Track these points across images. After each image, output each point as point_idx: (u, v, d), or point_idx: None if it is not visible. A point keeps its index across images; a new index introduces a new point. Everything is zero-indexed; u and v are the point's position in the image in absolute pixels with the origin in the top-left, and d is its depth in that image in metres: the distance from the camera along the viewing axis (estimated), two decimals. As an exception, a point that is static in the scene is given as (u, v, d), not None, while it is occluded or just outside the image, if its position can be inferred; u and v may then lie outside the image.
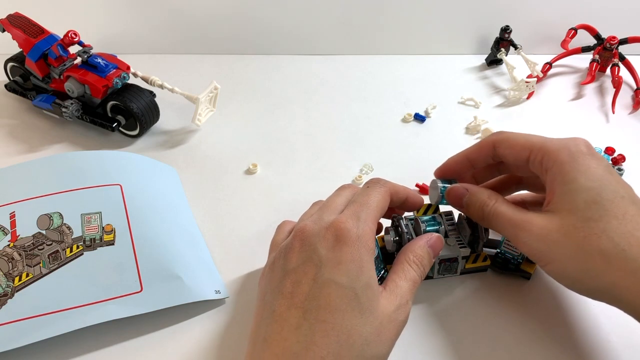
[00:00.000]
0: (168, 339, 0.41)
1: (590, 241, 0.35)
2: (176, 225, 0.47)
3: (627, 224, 0.34)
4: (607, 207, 0.35)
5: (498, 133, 0.42)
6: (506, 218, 0.39)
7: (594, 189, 0.36)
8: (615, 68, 0.66)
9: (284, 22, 0.71)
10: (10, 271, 0.42)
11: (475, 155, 0.43)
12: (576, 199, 0.36)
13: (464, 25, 0.72)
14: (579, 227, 0.35)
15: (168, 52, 0.71)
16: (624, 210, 0.35)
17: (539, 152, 0.39)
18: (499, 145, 0.41)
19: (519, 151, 0.40)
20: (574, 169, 0.37)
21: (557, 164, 0.38)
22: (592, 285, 0.36)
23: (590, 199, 0.35)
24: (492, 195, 0.40)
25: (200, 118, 0.58)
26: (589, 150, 0.38)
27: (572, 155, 0.37)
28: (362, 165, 0.56)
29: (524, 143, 0.40)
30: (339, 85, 0.67)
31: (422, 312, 0.44)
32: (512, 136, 0.41)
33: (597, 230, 0.35)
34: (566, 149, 0.38)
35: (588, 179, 0.36)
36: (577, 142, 0.38)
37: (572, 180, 0.36)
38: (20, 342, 0.38)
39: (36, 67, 0.57)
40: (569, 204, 0.36)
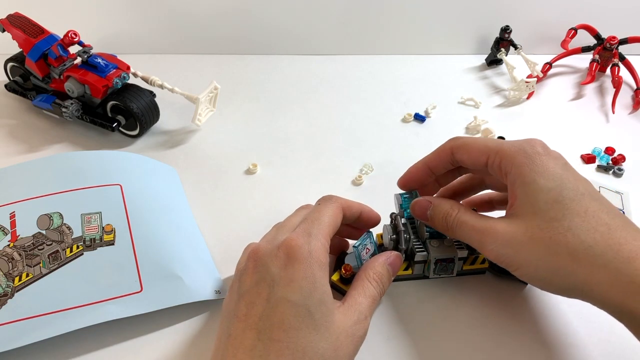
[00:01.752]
0: (168, 339, 0.41)
1: (557, 240, 0.35)
2: (176, 225, 0.47)
3: (589, 220, 0.35)
4: (568, 205, 0.35)
5: (455, 139, 0.42)
6: (470, 226, 0.39)
7: (554, 189, 0.36)
8: (615, 68, 0.66)
9: (284, 22, 0.71)
10: (10, 271, 0.42)
11: (434, 163, 0.43)
12: (538, 200, 0.36)
13: (464, 25, 0.72)
14: (543, 228, 0.35)
15: (168, 52, 0.71)
16: (586, 206, 0.35)
17: (497, 156, 0.39)
18: (456, 152, 0.42)
19: (476, 156, 0.40)
20: (532, 170, 0.37)
21: (515, 166, 0.38)
22: (564, 284, 0.36)
23: (551, 199, 0.36)
24: (454, 206, 0.40)
25: (200, 118, 0.58)
26: (545, 150, 0.38)
27: (529, 156, 0.38)
28: (362, 165, 0.56)
29: (480, 148, 0.40)
30: (339, 85, 0.67)
31: (418, 312, 0.44)
32: (469, 141, 0.41)
33: (562, 229, 0.35)
34: (522, 151, 0.38)
35: (547, 179, 0.36)
36: (533, 144, 0.39)
37: (532, 181, 0.37)
38: (20, 342, 0.38)
39: (36, 67, 0.57)
40: (531, 206, 0.36)
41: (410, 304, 0.44)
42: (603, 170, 0.57)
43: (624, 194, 0.53)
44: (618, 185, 0.54)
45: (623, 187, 0.54)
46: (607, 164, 0.57)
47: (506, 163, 0.38)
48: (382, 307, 0.44)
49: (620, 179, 0.56)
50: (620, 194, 0.53)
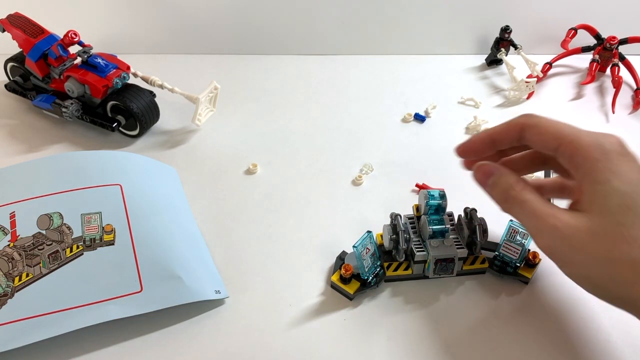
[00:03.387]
0: (168, 339, 0.41)
1: (621, 248, 0.33)
2: (176, 225, 0.47)
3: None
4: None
5: (528, 116, 0.39)
6: (531, 207, 0.36)
7: (628, 194, 0.33)
8: (615, 68, 0.66)
9: (284, 22, 0.71)
10: (10, 271, 0.42)
11: (500, 137, 0.41)
12: (608, 202, 0.34)
13: (464, 25, 0.72)
14: (609, 232, 0.33)
15: (168, 52, 0.71)
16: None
17: (570, 146, 0.36)
18: (527, 130, 0.39)
19: (548, 140, 0.37)
20: (607, 169, 0.34)
21: (589, 161, 0.35)
22: (618, 294, 0.34)
23: (623, 204, 0.33)
24: (520, 181, 0.38)
25: (200, 118, 0.58)
26: (623, 149, 0.35)
27: (606, 154, 0.35)
28: (362, 165, 0.56)
29: (554, 132, 0.37)
30: (339, 85, 0.67)
31: (418, 312, 0.44)
32: (543, 122, 0.38)
33: (630, 237, 0.33)
34: (599, 147, 0.35)
35: (622, 181, 0.34)
36: (612, 140, 0.36)
37: (605, 181, 0.34)
38: (20, 342, 0.38)
39: (36, 67, 0.57)
40: (600, 206, 0.34)
41: (410, 304, 0.44)
42: (603, 170, 0.56)
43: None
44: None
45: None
46: (607, 164, 0.57)
47: (580, 156, 0.35)
48: (382, 307, 0.44)
49: (620, 179, 0.56)
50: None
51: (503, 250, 0.44)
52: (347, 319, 0.43)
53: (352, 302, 0.44)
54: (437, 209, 0.45)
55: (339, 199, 0.53)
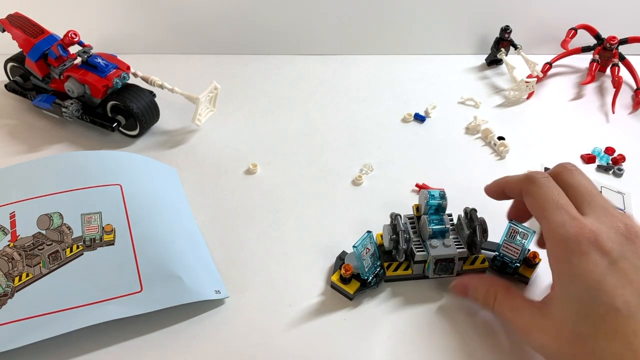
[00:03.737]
0: (168, 339, 0.41)
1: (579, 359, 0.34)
2: (176, 225, 0.47)
3: (617, 345, 0.32)
4: (597, 323, 0.33)
5: (528, 182, 0.40)
6: (507, 317, 0.39)
7: (584, 301, 0.34)
8: (615, 68, 0.66)
9: (284, 22, 0.71)
10: (10, 271, 0.42)
11: (508, 190, 0.43)
12: (568, 309, 0.34)
13: (464, 25, 0.72)
14: (571, 341, 0.34)
15: (168, 52, 0.71)
16: (615, 327, 0.32)
17: (544, 229, 0.38)
18: (524, 196, 0.41)
19: (535, 212, 0.39)
20: (567, 271, 0.35)
21: (554, 259, 0.36)
22: None
23: (581, 312, 0.34)
24: (490, 291, 0.41)
25: (200, 118, 0.58)
26: (590, 244, 0.35)
27: (569, 252, 0.35)
28: (362, 165, 0.56)
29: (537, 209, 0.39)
30: (339, 85, 0.67)
31: (418, 312, 0.44)
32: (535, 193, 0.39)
33: (587, 349, 0.33)
34: (564, 244, 0.35)
35: (580, 286, 0.34)
36: (579, 234, 0.35)
37: (565, 284, 0.35)
38: (20, 342, 0.38)
39: (36, 67, 0.57)
40: (562, 311, 0.35)
41: (410, 304, 0.44)
42: (603, 170, 0.57)
43: (625, 194, 0.53)
44: (618, 185, 0.54)
45: (623, 187, 0.54)
46: (607, 164, 0.57)
47: (548, 246, 0.37)
48: (382, 307, 0.44)
49: (620, 179, 0.56)
50: (622, 194, 0.53)
51: (503, 250, 0.44)
52: (347, 319, 0.43)
53: (351, 302, 0.44)
54: (437, 208, 0.45)
55: (339, 199, 0.53)
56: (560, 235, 0.36)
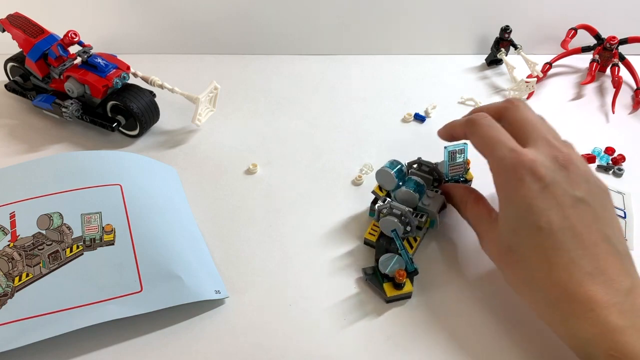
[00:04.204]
0: (168, 339, 0.41)
1: (510, 268, 0.40)
2: (176, 225, 0.47)
3: (535, 257, 0.37)
4: (523, 239, 0.38)
5: (469, 124, 0.44)
6: (472, 222, 0.45)
7: (517, 220, 0.38)
8: (615, 68, 0.66)
9: (284, 22, 0.71)
10: (10, 271, 0.42)
11: (455, 134, 0.47)
12: (505, 226, 0.39)
13: (464, 25, 0.72)
14: (504, 253, 0.40)
15: (168, 52, 0.71)
16: (536, 243, 0.37)
17: (489, 162, 0.42)
18: (469, 137, 0.45)
19: (480, 149, 0.43)
20: (505, 196, 0.40)
21: (496, 184, 0.41)
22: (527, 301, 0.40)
23: (511, 229, 0.39)
24: (463, 198, 0.46)
25: (200, 118, 0.58)
26: (527, 171, 0.38)
27: (507, 179, 0.39)
28: (362, 165, 0.56)
29: (481, 146, 0.43)
30: (339, 85, 0.67)
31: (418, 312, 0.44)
32: (477, 132, 0.43)
33: (513, 261, 0.39)
34: (503, 171, 0.40)
35: (515, 207, 0.39)
36: (517, 162, 0.39)
37: (505, 206, 0.40)
38: (20, 342, 0.38)
39: (36, 67, 0.57)
40: (501, 226, 0.40)
41: (410, 303, 0.44)
42: (603, 170, 0.57)
43: (625, 194, 0.53)
44: (618, 185, 0.54)
45: (623, 187, 0.54)
46: (607, 164, 0.57)
47: (494, 179, 0.41)
48: (382, 306, 0.44)
49: (620, 179, 0.56)
50: (622, 194, 0.53)
51: (451, 173, 0.50)
52: (347, 318, 0.43)
53: (351, 302, 0.44)
54: (402, 176, 0.48)
55: (339, 199, 0.53)
56: (501, 166, 0.40)
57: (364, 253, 0.48)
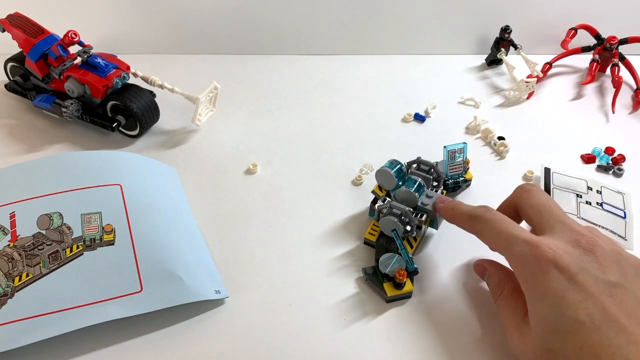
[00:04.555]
0: (168, 339, 0.41)
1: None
2: (176, 225, 0.47)
3: (585, 358, 0.33)
4: (565, 337, 0.34)
5: (475, 221, 0.41)
6: (502, 315, 0.40)
7: (550, 317, 0.34)
8: (615, 68, 0.66)
9: (284, 22, 0.71)
10: (10, 271, 0.42)
11: (460, 226, 0.44)
12: (537, 327, 0.35)
13: (464, 25, 0.72)
14: (540, 356, 0.35)
15: (168, 52, 0.71)
16: (582, 341, 0.33)
17: (507, 259, 0.39)
18: (477, 236, 0.42)
19: (493, 248, 0.41)
20: (533, 292, 0.36)
21: (522, 282, 0.37)
22: None
23: (548, 329, 0.35)
24: (500, 283, 0.41)
25: (200, 118, 0.58)
26: (549, 263, 0.36)
27: (531, 274, 0.36)
28: (362, 165, 0.56)
29: (494, 245, 0.40)
30: (339, 85, 0.67)
31: (419, 312, 0.44)
32: (486, 230, 0.41)
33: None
34: (526, 266, 0.37)
35: (545, 304, 0.35)
36: (537, 255, 0.36)
37: (532, 305, 0.36)
38: (20, 342, 0.38)
39: (36, 67, 0.57)
40: (534, 327, 0.36)
41: (410, 303, 0.44)
42: (603, 170, 0.57)
43: (625, 194, 0.53)
44: (618, 185, 0.54)
45: (623, 187, 0.54)
46: (607, 164, 0.57)
47: (515, 272, 0.38)
48: (382, 306, 0.44)
49: (620, 179, 0.56)
50: (622, 194, 0.53)
51: (450, 172, 0.51)
52: (347, 318, 0.43)
53: (351, 302, 0.44)
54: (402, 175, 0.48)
55: (339, 199, 0.53)
56: (521, 261, 0.37)
57: (363, 253, 0.48)
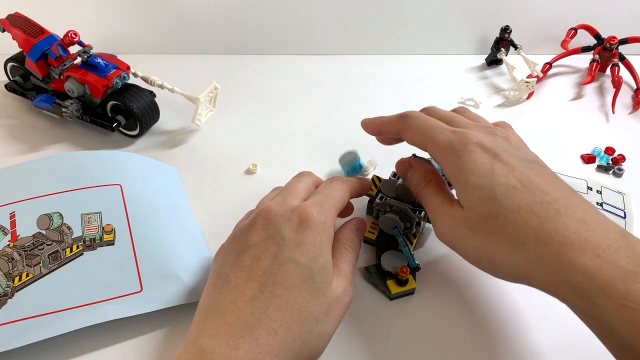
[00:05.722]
0: (168, 339, 0.41)
1: (494, 237, 0.36)
2: (176, 225, 0.47)
3: (522, 215, 0.35)
4: (501, 200, 0.36)
5: (402, 118, 0.43)
6: (429, 203, 0.41)
7: (485, 186, 0.36)
8: (615, 68, 0.66)
9: (284, 22, 0.71)
10: (10, 271, 0.42)
11: (385, 130, 0.46)
12: (472, 197, 0.37)
13: (464, 25, 0.72)
14: (481, 224, 0.36)
15: (168, 52, 0.71)
16: (518, 201, 0.35)
17: (430, 146, 0.40)
18: (401, 132, 0.43)
19: (418, 140, 0.42)
20: (462, 169, 0.38)
21: (448, 165, 0.39)
22: (504, 274, 0.37)
23: (484, 196, 0.36)
24: (426, 176, 0.42)
25: (200, 118, 0.58)
26: (475, 144, 0.38)
27: (458, 154, 0.38)
28: (362, 165, 0.56)
29: (419, 135, 0.41)
30: (339, 85, 0.67)
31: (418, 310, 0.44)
32: (412, 124, 0.42)
33: (497, 225, 0.36)
34: (451, 149, 0.38)
35: (478, 176, 0.37)
36: (463, 139, 0.38)
37: (464, 181, 0.37)
38: (20, 342, 0.38)
39: (36, 67, 0.57)
40: (468, 201, 0.37)
41: (411, 303, 0.44)
42: (603, 170, 0.57)
43: (625, 194, 0.53)
44: (618, 185, 0.54)
45: (623, 187, 0.54)
46: (607, 164, 0.57)
47: (440, 159, 0.40)
48: (382, 307, 0.44)
49: (620, 179, 0.56)
50: (622, 194, 0.53)
51: None
52: (347, 318, 0.43)
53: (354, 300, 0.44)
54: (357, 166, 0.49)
55: (339, 199, 0.53)
56: (448, 145, 0.39)
57: (363, 251, 0.48)
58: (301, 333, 0.34)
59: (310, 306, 0.35)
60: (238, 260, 0.37)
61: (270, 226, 0.37)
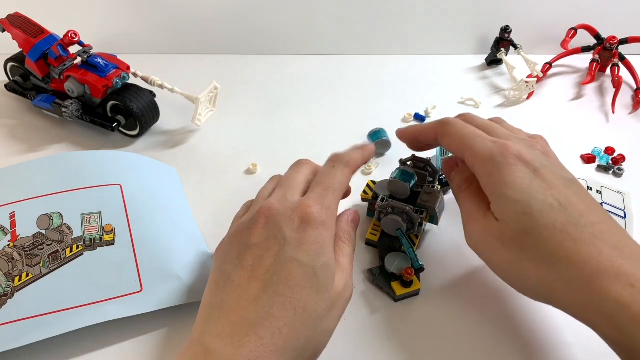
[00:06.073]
0: (168, 339, 0.41)
1: (526, 253, 0.36)
2: (176, 225, 0.47)
3: (557, 235, 0.35)
4: (537, 218, 0.36)
5: (441, 124, 0.43)
6: (464, 207, 0.41)
7: (522, 201, 0.36)
8: (615, 68, 0.66)
9: (284, 22, 0.71)
10: (10, 271, 0.42)
11: (422, 138, 0.46)
12: (507, 211, 0.37)
13: (464, 25, 0.72)
14: (514, 239, 0.36)
15: (168, 52, 0.71)
16: (554, 220, 0.35)
17: (469, 157, 0.40)
18: (440, 138, 0.43)
19: (456, 147, 0.41)
20: (499, 182, 0.37)
21: (485, 176, 0.39)
22: (531, 291, 0.38)
23: (520, 211, 0.36)
24: (466, 181, 0.42)
25: (200, 118, 0.58)
26: (515, 157, 0.38)
27: (497, 166, 0.38)
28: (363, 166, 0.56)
29: (459, 140, 0.41)
30: (339, 85, 0.67)
31: (418, 310, 0.44)
32: (451, 130, 0.42)
33: (530, 242, 0.36)
34: (491, 160, 0.38)
35: (515, 190, 0.37)
36: (504, 151, 0.38)
37: (501, 194, 0.37)
38: (20, 342, 0.38)
39: (36, 67, 0.57)
40: (502, 215, 0.37)
41: (411, 304, 0.44)
42: (603, 170, 0.57)
43: (625, 194, 0.53)
44: (618, 185, 0.54)
45: (623, 187, 0.54)
46: (607, 164, 0.57)
47: (477, 169, 0.39)
48: (382, 307, 0.44)
49: (620, 179, 0.56)
50: (622, 194, 0.53)
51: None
52: (347, 318, 0.43)
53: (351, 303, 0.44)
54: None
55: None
56: (487, 155, 0.39)
57: (366, 253, 0.48)
58: (305, 331, 0.34)
59: (314, 304, 0.35)
60: (240, 260, 0.36)
61: (271, 225, 0.37)
